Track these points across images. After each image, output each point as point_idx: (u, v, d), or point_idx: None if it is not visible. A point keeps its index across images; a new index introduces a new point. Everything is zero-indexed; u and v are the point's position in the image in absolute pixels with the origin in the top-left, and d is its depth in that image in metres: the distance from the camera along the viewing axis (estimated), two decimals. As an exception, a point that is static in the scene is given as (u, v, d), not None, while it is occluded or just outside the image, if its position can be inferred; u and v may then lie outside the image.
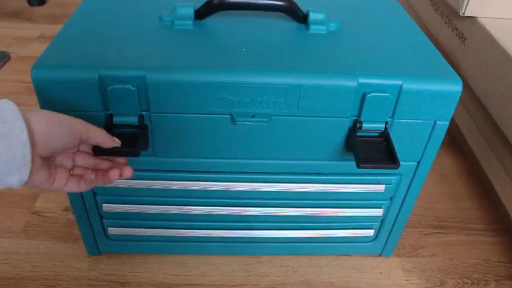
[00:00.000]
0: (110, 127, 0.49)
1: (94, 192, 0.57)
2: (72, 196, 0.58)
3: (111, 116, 0.49)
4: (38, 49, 1.21)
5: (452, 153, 0.91)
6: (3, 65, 1.13)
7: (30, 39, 1.26)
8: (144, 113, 0.49)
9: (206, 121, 0.49)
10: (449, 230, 0.75)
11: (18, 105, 0.42)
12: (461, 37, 0.81)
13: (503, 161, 0.71)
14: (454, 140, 0.94)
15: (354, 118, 0.50)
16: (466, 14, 0.76)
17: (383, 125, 0.50)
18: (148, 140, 0.51)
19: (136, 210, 0.59)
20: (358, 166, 0.48)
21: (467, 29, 0.79)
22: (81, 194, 0.58)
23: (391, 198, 0.60)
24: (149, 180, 0.55)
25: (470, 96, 0.81)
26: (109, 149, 0.46)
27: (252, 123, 0.49)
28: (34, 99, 0.94)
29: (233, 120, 0.49)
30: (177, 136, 0.51)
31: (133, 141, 0.48)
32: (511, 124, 0.67)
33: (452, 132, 0.95)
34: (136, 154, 0.46)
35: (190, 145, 0.52)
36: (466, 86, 0.82)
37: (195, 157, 0.53)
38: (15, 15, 1.40)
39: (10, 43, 1.23)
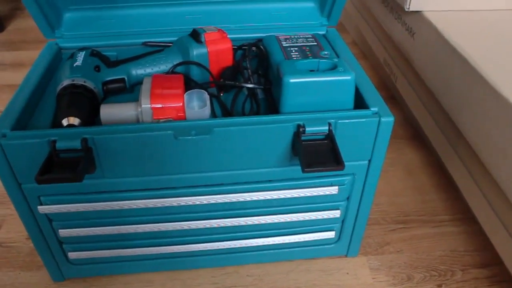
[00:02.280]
0: (53, 153, 0.49)
1: (49, 219, 0.57)
2: (28, 225, 0.57)
3: (54, 142, 0.48)
4: (-2, 77, 1.20)
5: (416, 146, 0.92)
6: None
7: (-12, 67, 1.25)
8: (87, 136, 0.49)
9: (149, 139, 0.49)
10: (415, 224, 0.75)
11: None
12: (410, 32, 0.82)
13: (459, 152, 0.72)
14: (418, 134, 0.95)
15: (297, 123, 0.50)
16: (410, 9, 0.77)
17: (327, 127, 0.51)
18: (95, 162, 0.51)
19: (93, 233, 0.58)
20: (302, 171, 0.48)
21: (414, 23, 0.80)
22: (36, 222, 0.57)
23: (347, 198, 0.60)
24: (101, 202, 0.55)
25: (424, 89, 0.82)
26: (51, 177, 0.45)
27: (193, 137, 0.49)
28: None
29: (175, 136, 0.49)
30: (123, 157, 0.51)
31: (75, 166, 0.48)
32: (462, 116, 0.68)
33: (415, 127, 0.96)
34: (78, 180, 0.46)
35: (137, 164, 0.51)
36: (420, 80, 0.83)
37: (144, 175, 0.53)
38: (-26, 43, 1.39)
39: (-34, 74, 1.22)
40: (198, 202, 0.55)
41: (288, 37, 0.63)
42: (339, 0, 0.68)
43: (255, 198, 0.56)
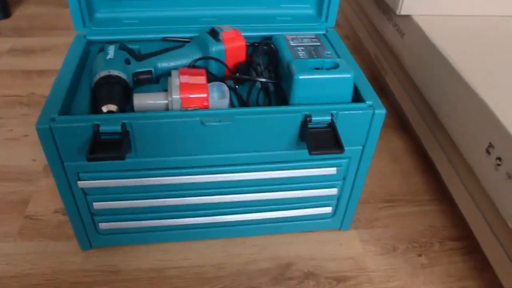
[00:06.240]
0: (97, 135, 0.57)
1: (84, 193, 0.65)
2: (65, 197, 0.65)
3: (97, 125, 0.57)
4: (10, 63, 1.25)
5: (402, 134, 1.02)
6: (-22, 81, 1.17)
7: (0, 53, 1.30)
8: (126, 121, 0.57)
9: (179, 125, 0.58)
10: (399, 203, 0.85)
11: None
12: (400, 33, 0.91)
13: (439, 140, 0.82)
14: (404, 123, 1.05)
15: (305, 113, 0.59)
16: (401, 13, 0.87)
17: (330, 117, 0.60)
18: (131, 144, 0.59)
19: (124, 206, 0.66)
20: (310, 153, 0.57)
21: (404, 25, 0.90)
22: (73, 195, 0.65)
23: (343, 178, 0.69)
24: (133, 178, 0.63)
25: (411, 85, 0.91)
26: (99, 156, 0.54)
27: (218, 123, 0.58)
28: (14, 111, 1.03)
29: (202, 123, 0.58)
30: (155, 139, 0.59)
31: (118, 146, 0.56)
32: (441, 109, 0.78)
33: (401, 117, 1.06)
34: (122, 158, 0.55)
35: (167, 146, 0.60)
36: (407, 75, 0.92)
37: (172, 155, 0.61)
38: (-18, 30, 1.43)
39: (-20, 58, 1.28)
40: (218, 179, 0.64)
41: (295, 37, 0.72)
42: (333, 5, 0.79)
43: (266, 177, 0.65)
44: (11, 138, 0.98)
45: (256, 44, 0.75)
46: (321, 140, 0.59)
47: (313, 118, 0.59)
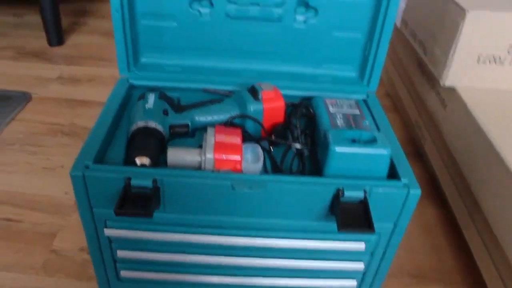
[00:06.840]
0: (128, 189, 0.57)
1: (110, 240, 0.65)
2: (90, 241, 0.65)
3: (129, 179, 0.57)
4: (57, 90, 1.30)
5: (436, 205, 0.99)
6: (25, 105, 1.22)
7: (49, 79, 1.36)
8: (157, 177, 0.57)
9: (210, 187, 0.58)
10: (428, 281, 0.82)
11: (39, 146, 0.48)
12: (443, 103, 0.90)
13: (476, 222, 0.78)
14: (439, 193, 1.01)
15: (338, 187, 0.58)
16: (446, 85, 0.85)
17: (363, 194, 0.58)
18: (160, 199, 0.59)
19: (147, 257, 0.66)
20: (338, 230, 0.56)
21: (447, 96, 0.88)
22: (98, 240, 0.65)
23: (371, 254, 0.67)
24: (160, 232, 0.63)
25: (450, 158, 0.89)
26: (127, 211, 0.54)
27: (249, 190, 0.57)
28: (55, 140, 1.05)
29: (233, 187, 0.57)
30: (185, 197, 0.59)
31: (147, 202, 0.56)
32: (481, 191, 0.75)
33: (436, 186, 1.03)
34: (150, 216, 0.55)
35: (196, 204, 0.60)
36: (447, 148, 0.90)
37: (200, 214, 0.61)
38: (36, 55, 1.50)
39: (30, 83, 1.33)
40: (244, 243, 0.63)
41: (334, 102, 0.72)
42: (376, 69, 0.78)
43: (292, 244, 0.64)
44: (48, 167, 1.00)
45: (296, 104, 0.75)
46: (352, 216, 0.58)
47: (346, 193, 0.58)
